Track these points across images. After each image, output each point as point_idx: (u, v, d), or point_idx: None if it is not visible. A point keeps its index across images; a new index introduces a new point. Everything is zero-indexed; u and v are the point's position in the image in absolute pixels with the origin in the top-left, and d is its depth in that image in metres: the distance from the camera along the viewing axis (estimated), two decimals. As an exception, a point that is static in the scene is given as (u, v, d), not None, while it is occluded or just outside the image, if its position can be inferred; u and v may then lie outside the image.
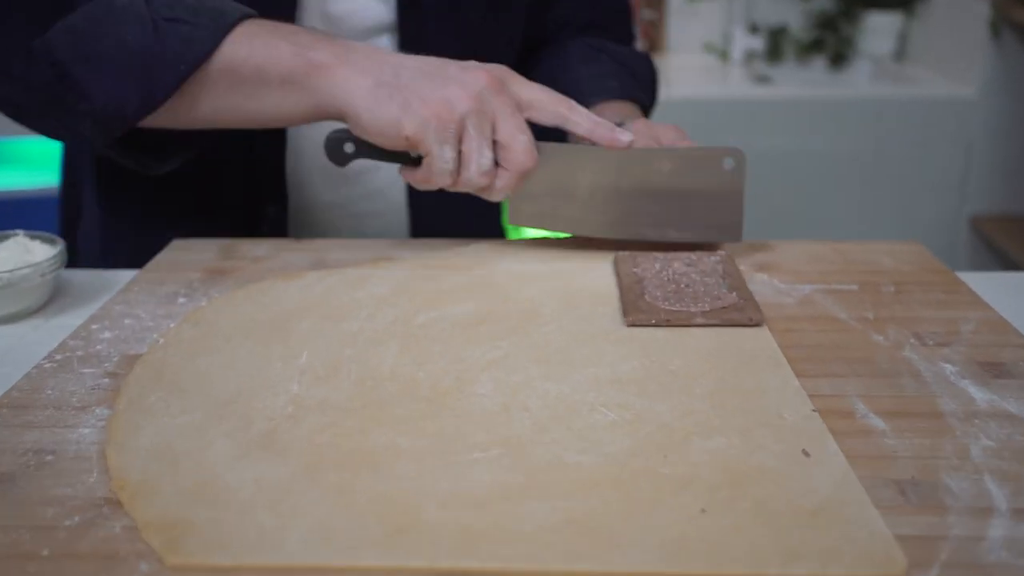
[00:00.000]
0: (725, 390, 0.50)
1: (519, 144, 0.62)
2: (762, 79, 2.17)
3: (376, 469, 0.43)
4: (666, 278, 0.62)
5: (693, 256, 0.65)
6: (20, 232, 0.67)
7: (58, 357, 0.54)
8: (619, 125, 0.69)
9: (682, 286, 0.60)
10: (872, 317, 0.59)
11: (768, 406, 0.48)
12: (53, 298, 0.66)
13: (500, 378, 0.51)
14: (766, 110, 2.04)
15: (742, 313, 0.57)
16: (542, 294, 0.61)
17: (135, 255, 0.73)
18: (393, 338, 0.55)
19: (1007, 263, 2.05)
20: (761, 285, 0.64)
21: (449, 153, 0.61)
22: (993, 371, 0.52)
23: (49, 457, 0.44)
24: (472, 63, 0.63)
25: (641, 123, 0.72)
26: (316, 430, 0.46)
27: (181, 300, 0.62)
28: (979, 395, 0.50)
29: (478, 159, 0.62)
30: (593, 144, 0.66)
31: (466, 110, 0.60)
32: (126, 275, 0.69)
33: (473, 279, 0.64)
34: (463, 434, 0.46)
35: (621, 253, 0.67)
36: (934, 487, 0.42)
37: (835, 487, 0.41)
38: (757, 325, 0.57)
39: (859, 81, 2.20)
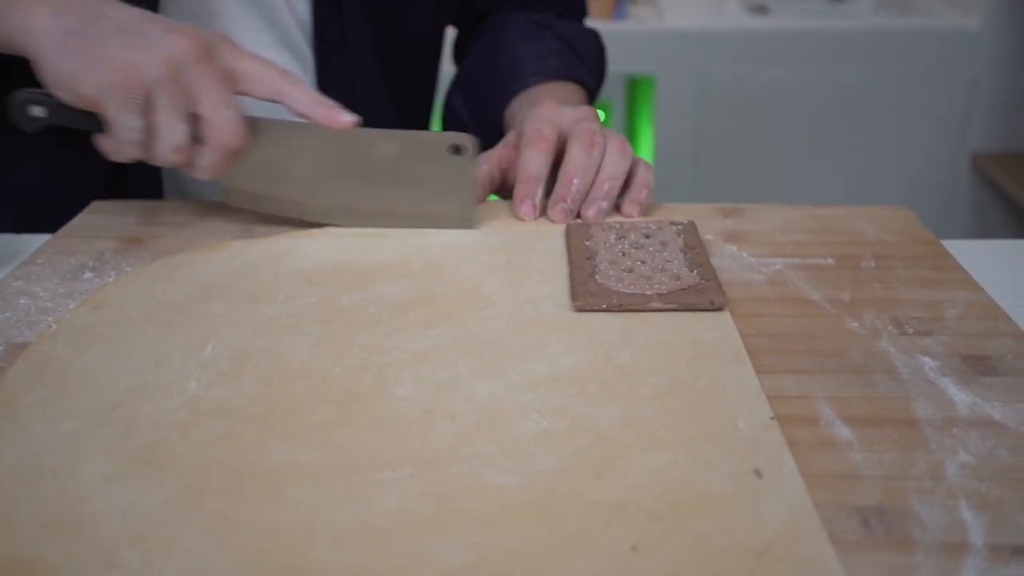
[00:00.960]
0: (676, 391, 0.44)
1: (222, 119, 0.55)
2: (759, 9, 2.07)
3: (267, 493, 0.37)
4: (620, 252, 0.56)
5: (652, 225, 0.59)
6: (-84, 195, 0.61)
7: (-63, 346, 0.49)
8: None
9: (638, 263, 0.55)
10: (848, 299, 0.53)
11: (722, 412, 0.43)
12: (-46, 267, 0.60)
13: (425, 375, 0.45)
14: (763, 42, 1.95)
15: (702, 296, 0.51)
16: (484, 271, 0.55)
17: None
18: (311, 325, 0.50)
19: (1008, 202, 1.98)
20: (729, 259, 0.58)
21: (133, 122, 0.54)
22: (977, 367, 0.47)
23: (-98, 473, 0.39)
24: (184, 25, 0.55)
25: (548, 106, 0.66)
26: (207, 442, 0.40)
27: (88, 275, 0.56)
28: (960, 397, 0.44)
29: (168, 133, 0.55)
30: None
31: (155, 77, 0.53)
32: (37, 241, 0.63)
33: (408, 251, 0.58)
34: (372, 448, 0.40)
35: (574, 223, 0.61)
36: (902, 516, 0.37)
37: (788, 519, 0.36)
38: (719, 309, 0.51)
39: (860, 12, 2.10)
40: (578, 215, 0.62)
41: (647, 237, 0.58)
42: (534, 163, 0.62)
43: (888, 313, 0.52)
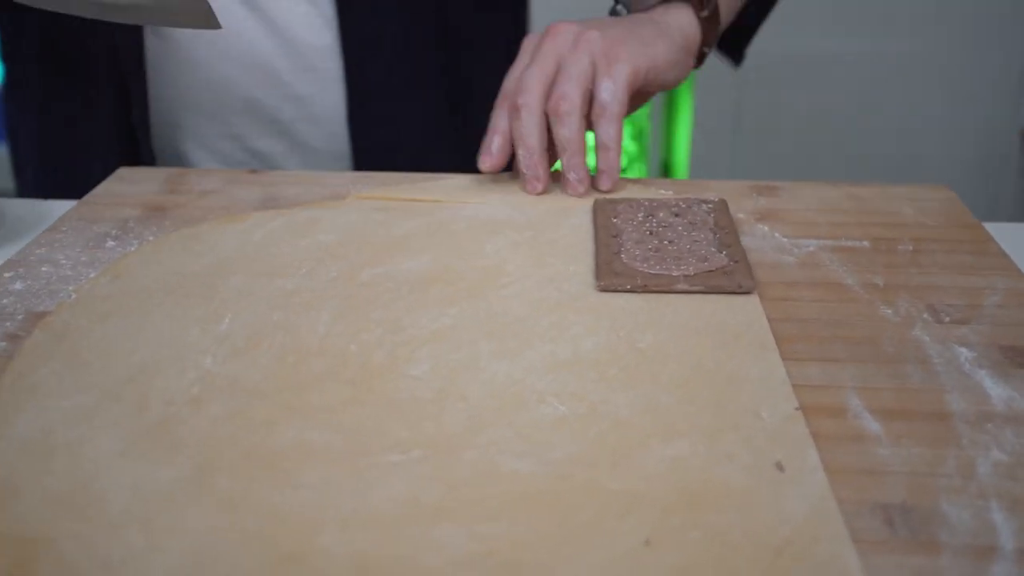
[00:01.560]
0: (698, 378, 0.43)
1: None
2: (804, -25, 2.02)
3: (275, 475, 0.37)
4: (648, 231, 0.54)
5: (683, 203, 0.58)
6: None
7: (-42, 313, 0.49)
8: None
9: (665, 242, 0.53)
10: (883, 284, 0.51)
11: (745, 401, 0.41)
12: (-21, 234, 0.60)
13: (441, 355, 0.44)
14: (807, 9, 1.90)
15: (731, 279, 0.50)
16: (508, 247, 0.54)
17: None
18: (330, 300, 0.49)
19: (1059, 180, 1.93)
20: (760, 239, 0.56)
21: None
22: (1016, 359, 0.45)
23: (-85, 443, 0.39)
24: None
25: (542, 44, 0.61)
26: (218, 420, 0.40)
27: (110, 243, 0.56)
28: (996, 391, 0.43)
29: None
30: None
31: None
32: (63, 207, 0.63)
33: (432, 224, 0.57)
34: (383, 430, 0.39)
35: (601, 199, 0.59)
36: (929, 516, 0.35)
37: (808, 515, 0.35)
38: (747, 293, 0.50)
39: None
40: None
41: (676, 215, 0.56)
42: (524, 131, 0.59)
43: (924, 300, 0.50)
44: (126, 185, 0.64)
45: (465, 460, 0.38)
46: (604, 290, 0.50)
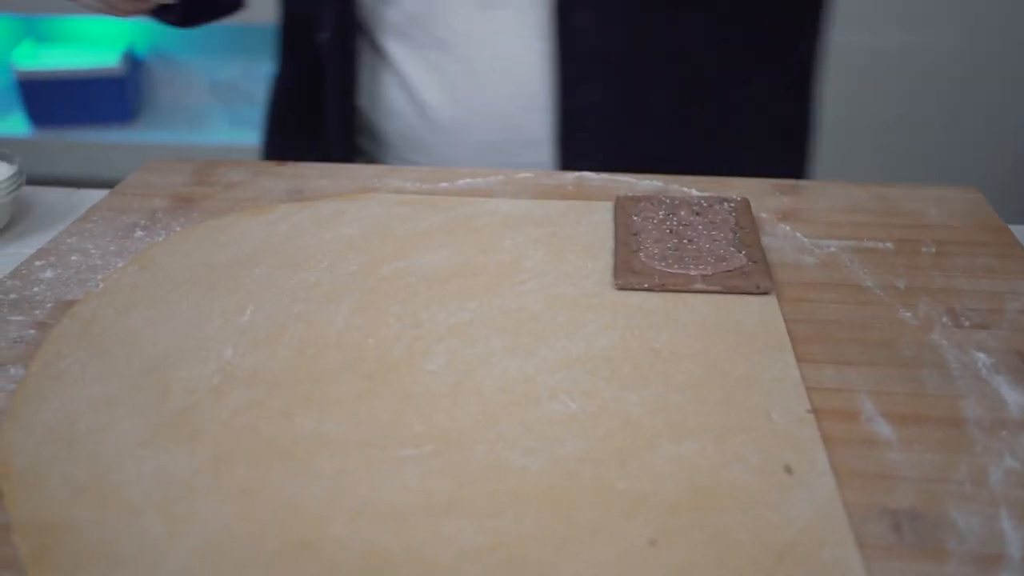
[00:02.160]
0: (711, 378, 0.43)
1: None
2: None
3: (291, 465, 0.38)
4: (668, 229, 0.54)
5: (704, 202, 0.58)
6: (-20, 150, 0.62)
7: (-10, 300, 0.50)
8: None
9: (684, 241, 0.53)
10: (903, 287, 0.51)
11: (757, 402, 0.41)
12: (15, 220, 0.62)
13: (457, 350, 0.45)
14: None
15: (748, 279, 0.50)
16: (528, 243, 0.55)
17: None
18: (350, 294, 0.50)
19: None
20: (781, 239, 0.56)
21: None
22: (1035, 365, 0.45)
23: (-54, 427, 0.41)
24: None
25: None
26: (238, 410, 0.41)
27: (139, 234, 0.57)
28: (1012, 397, 0.42)
29: None
30: None
31: None
32: (95, 197, 0.65)
33: (454, 219, 0.57)
34: (399, 423, 0.40)
35: (623, 196, 0.59)
36: (937, 523, 0.36)
37: (815, 519, 0.35)
38: (765, 293, 0.50)
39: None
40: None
41: (697, 214, 0.56)
42: None
43: (944, 304, 0.49)
44: (155, 176, 0.66)
45: (476, 455, 0.38)
46: (621, 288, 0.50)
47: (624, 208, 0.57)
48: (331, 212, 0.58)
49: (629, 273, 0.50)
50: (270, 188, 0.63)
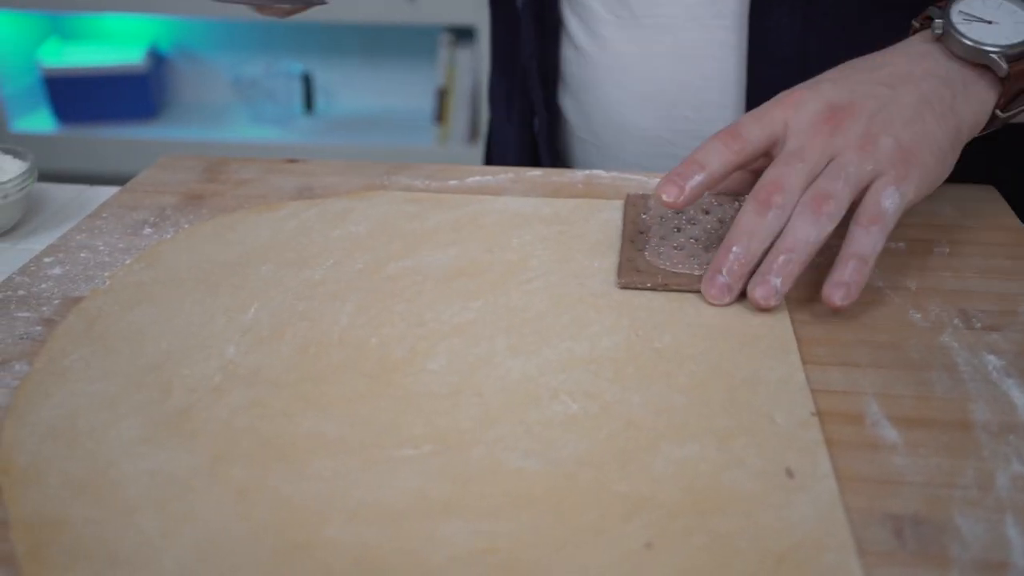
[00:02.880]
0: (714, 380, 0.42)
1: None
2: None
3: (290, 465, 0.38)
4: (675, 227, 0.54)
5: (715, 200, 0.57)
6: (-8, 147, 0.63)
7: (-1, 297, 0.51)
8: None
9: (691, 240, 0.53)
10: (914, 287, 0.50)
11: (760, 404, 0.41)
12: (27, 217, 0.62)
13: (460, 350, 0.45)
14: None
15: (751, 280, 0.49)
16: (535, 241, 0.54)
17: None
18: (354, 292, 0.49)
19: None
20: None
21: None
22: (1048, 368, 0.44)
23: (-49, 424, 0.41)
24: None
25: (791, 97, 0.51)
26: (238, 409, 0.41)
27: (147, 231, 0.58)
28: (1022, 401, 0.42)
29: None
30: None
31: None
32: (107, 193, 0.65)
33: (462, 217, 0.57)
34: (398, 424, 0.40)
35: (633, 194, 0.59)
36: (940, 528, 0.35)
37: (815, 524, 0.35)
38: None
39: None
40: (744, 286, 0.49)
41: (706, 213, 0.56)
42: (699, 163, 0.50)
43: (956, 305, 0.49)
44: (167, 173, 0.66)
45: (474, 456, 0.38)
46: (625, 287, 0.49)
47: (634, 206, 0.57)
48: (339, 210, 0.58)
49: (632, 272, 0.50)
50: (280, 185, 0.63)
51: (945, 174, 0.51)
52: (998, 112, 0.52)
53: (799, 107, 0.50)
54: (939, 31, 0.52)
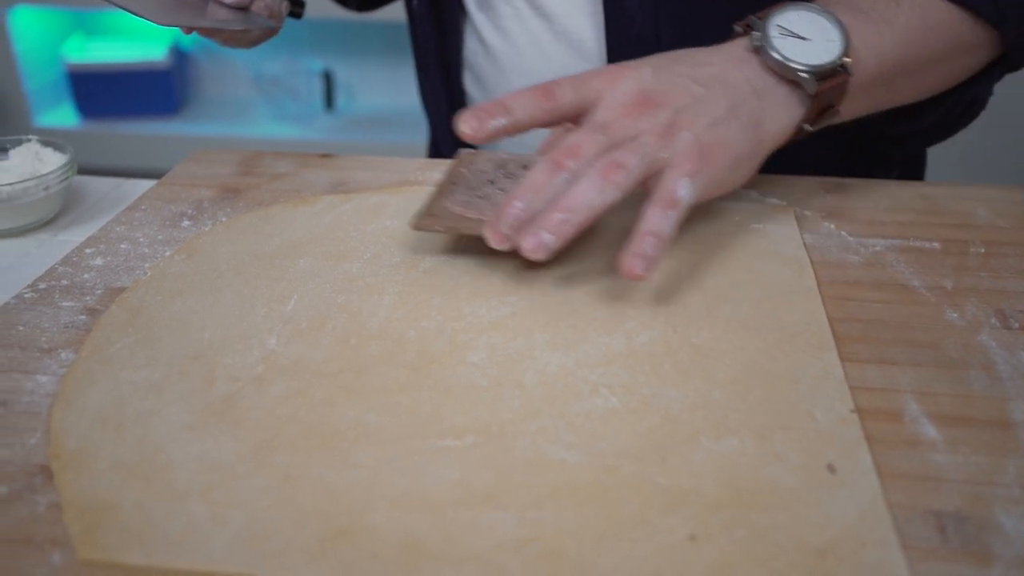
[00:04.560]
0: (752, 375, 0.43)
1: None
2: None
3: (333, 453, 0.38)
4: (488, 180, 0.55)
5: (536, 159, 0.57)
6: (34, 138, 0.64)
7: (42, 286, 0.51)
8: None
9: (497, 190, 0.54)
10: (951, 287, 0.50)
11: (799, 400, 0.41)
12: (66, 209, 0.63)
13: (498, 344, 0.45)
14: None
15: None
16: (570, 237, 0.55)
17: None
18: (392, 286, 0.50)
19: None
20: (825, 237, 0.55)
21: None
22: (1086, 369, 0.44)
23: (-1, 409, 0.42)
24: None
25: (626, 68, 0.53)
26: (281, 398, 0.41)
27: (186, 223, 0.58)
28: (1062, 401, 0.42)
29: None
30: None
31: None
32: (144, 187, 0.66)
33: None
34: (440, 415, 0.40)
35: (466, 151, 0.60)
36: (983, 525, 0.35)
37: (858, 518, 0.35)
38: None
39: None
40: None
41: (524, 167, 0.56)
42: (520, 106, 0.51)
43: (992, 305, 0.49)
44: (203, 166, 0.66)
45: (516, 448, 0.38)
46: (415, 228, 0.51)
47: (460, 161, 0.58)
48: (374, 204, 0.59)
49: (426, 216, 0.52)
50: (314, 180, 0.64)
51: (739, 182, 0.53)
52: (805, 126, 0.54)
53: (616, 83, 0.51)
54: (756, 43, 0.53)
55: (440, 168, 0.65)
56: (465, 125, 0.50)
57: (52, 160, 0.62)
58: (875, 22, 0.55)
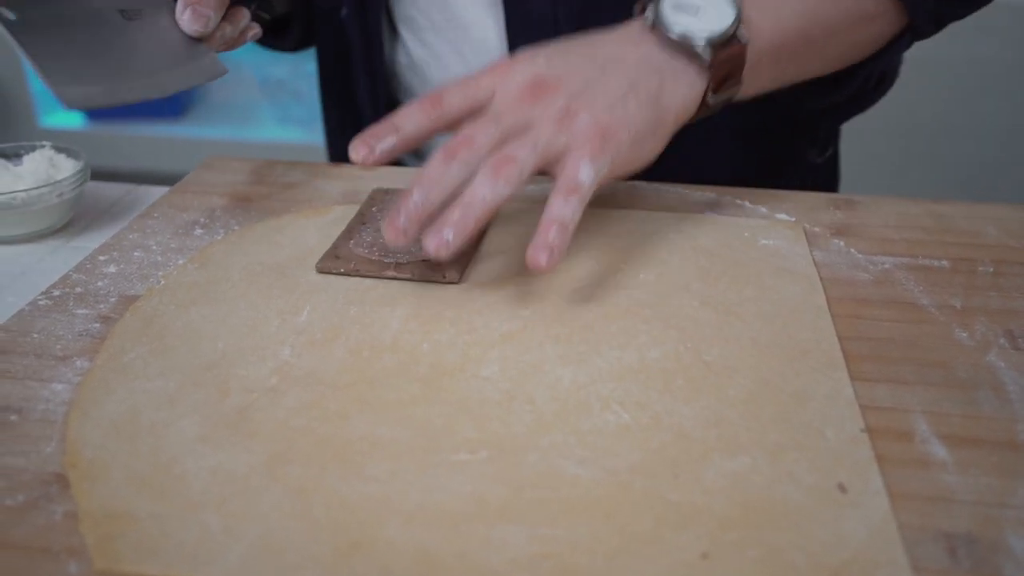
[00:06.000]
0: (764, 393, 0.43)
1: None
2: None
3: (346, 466, 0.38)
4: None
5: None
6: (47, 145, 0.64)
7: (56, 293, 0.51)
8: None
9: None
10: (960, 306, 0.51)
11: (810, 419, 0.41)
12: (80, 214, 0.63)
13: (511, 358, 0.45)
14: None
15: (436, 270, 0.51)
16: (583, 250, 0.55)
17: None
18: (404, 297, 0.50)
19: None
20: (835, 255, 0.56)
21: None
22: (1095, 390, 0.44)
23: (13, 417, 0.42)
24: None
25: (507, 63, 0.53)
26: (294, 410, 0.42)
27: (198, 231, 0.58)
28: (1071, 423, 0.42)
29: None
30: None
31: None
32: (156, 193, 0.66)
33: (510, 222, 0.58)
34: (453, 428, 0.41)
35: (377, 189, 0.61)
36: (993, 547, 0.35)
37: (869, 539, 0.35)
38: (452, 283, 0.51)
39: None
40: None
41: None
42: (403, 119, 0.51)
43: (1002, 325, 0.49)
44: (215, 174, 0.67)
45: (529, 462, 0.39)
46: (321, 272, 0.52)
47: (371, 199, 0.60)
48: (386, 215, 0.59)
49: (332, 259, 0.53)
50: (326, 189, 0.64)
51: (646, 157, 0.53)
52: (708, 98, 0.54)
53: (508, 75, 0.52)
54: (650, 22, 0.54)
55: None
56: (356, 154, 0.50)
57: (66, 167, 0.62)
58: None
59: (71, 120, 2.42)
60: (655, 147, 0.53)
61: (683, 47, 0.53)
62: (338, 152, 0.88)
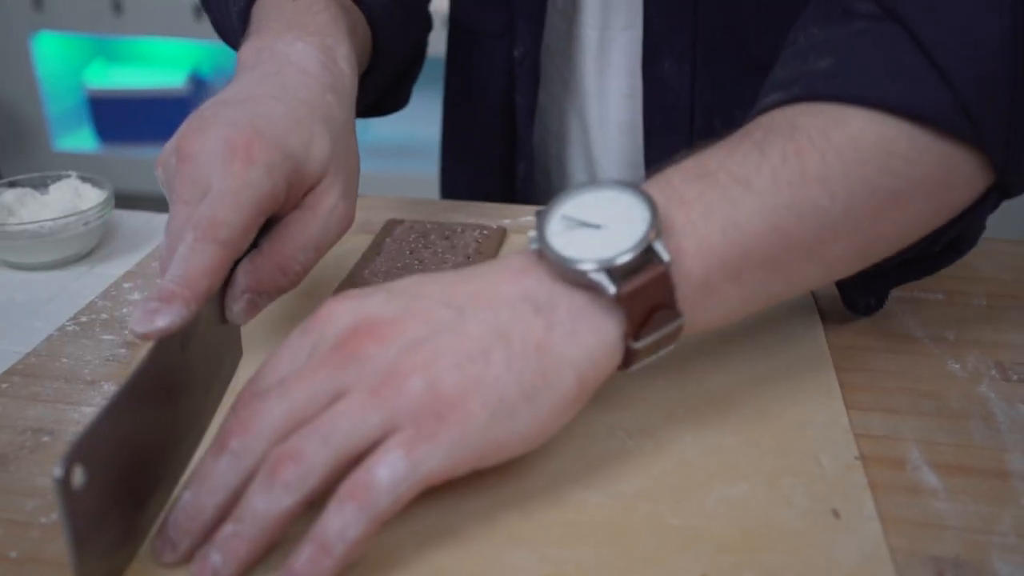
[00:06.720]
0: (763, 422, 0.45)
1: None
2: None
3: (364, 489, 0.40)
4: (408, 250, 0.58)
5: (460, 228, 0.61)
6: (73, 174, 0.66)
7: (83, 319, 0.54)
8: None
9: (415, 262, 0.57)
10: (953, 339, 0.52)
11: (807, 448, 0.43)
12: (103, 242, 0.66)
13: (520, 385, 0.47)
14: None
15: None
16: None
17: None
18: (418, 326, 0.52)
19: None
20: (831, 287, 0.58)
21: None
22: (1082, 421, 0.46)
23: (46, 438, 0.44)
24: None
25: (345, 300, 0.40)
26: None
27: (218, 260, 0.61)
28: (1058, 453, 0.44)
29: None
30: None
31: None
32: (176, 222, 0.68)
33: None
34: (464, 453, 0.42)
35: (391, 219, 0.63)
36: (980, 572, 0.37)
37: (861, 562, 0.37)
38: None
39: None
40: None
41: (445, 239, 0.60)
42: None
43: (993, 357, 0.51)
44: (233, 203, 0.69)
45: (538, 487, 0.41)
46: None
47: (386, 229, 0.62)
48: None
49: (349, 287, 0.54)
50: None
51: (524, 434, 0.38)
52: (631, 343, 0.39)
53: (327, 323, 0.39)
54: (534, 245, 0.40)
55: (464, 211, 0.67)
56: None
57: (91, 196, 0.65)
58: (723, 185, 0.41)
59: (85, 143, 2.46)
60: (543, 418, 0.38)
61: (575, 279, 0.38)
62: (453, 185, 0.90)
